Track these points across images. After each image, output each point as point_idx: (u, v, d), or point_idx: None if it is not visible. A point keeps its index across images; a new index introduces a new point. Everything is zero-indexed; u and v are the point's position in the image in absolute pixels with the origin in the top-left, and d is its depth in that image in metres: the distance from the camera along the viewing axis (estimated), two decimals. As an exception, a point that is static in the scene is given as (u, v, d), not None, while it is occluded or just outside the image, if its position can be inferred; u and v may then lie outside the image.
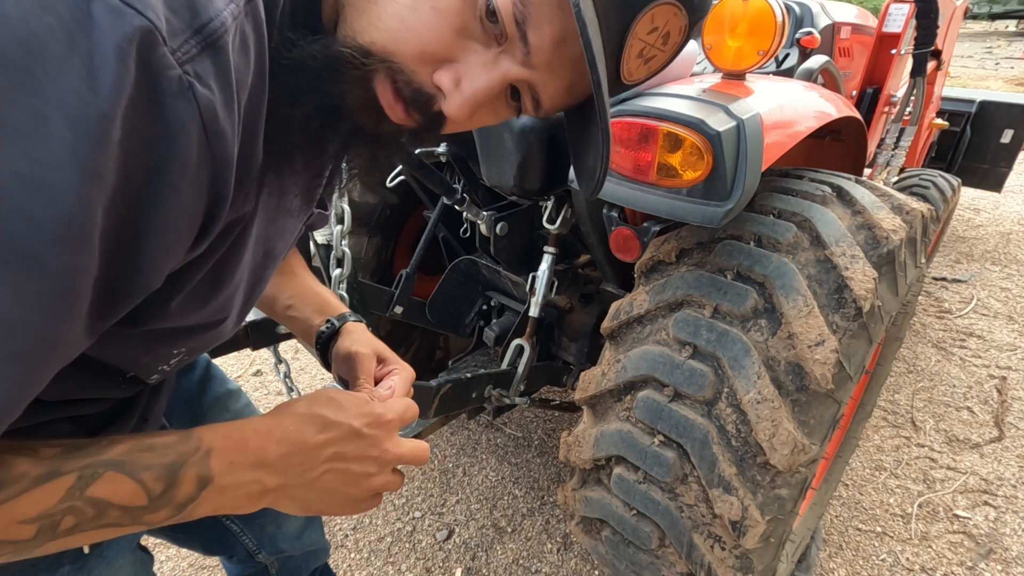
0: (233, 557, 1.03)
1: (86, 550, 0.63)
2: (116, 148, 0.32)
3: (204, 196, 0.39)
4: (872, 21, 2.40)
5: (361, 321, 0.78)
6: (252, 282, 0.60)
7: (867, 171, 2.44)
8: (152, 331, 0.49)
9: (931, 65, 2.54)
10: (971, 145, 3.32)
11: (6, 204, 0.29)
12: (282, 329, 1.39)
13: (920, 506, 1.94)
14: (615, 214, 1.23)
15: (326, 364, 0.76)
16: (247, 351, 1.68)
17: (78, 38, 0.30)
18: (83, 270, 0.34)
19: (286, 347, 2.62)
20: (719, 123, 0.97)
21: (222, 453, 0.47)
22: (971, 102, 3.26)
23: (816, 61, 1.64)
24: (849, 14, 2.28)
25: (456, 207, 1.54)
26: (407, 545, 1.82)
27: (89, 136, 0.31)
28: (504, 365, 1.47)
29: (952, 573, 1.72)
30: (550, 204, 1.44)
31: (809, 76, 1.59)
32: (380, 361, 0.71)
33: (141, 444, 0.44)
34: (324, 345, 0.75)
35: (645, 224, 1.20)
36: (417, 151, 1.46)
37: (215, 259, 0.48)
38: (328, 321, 0.76)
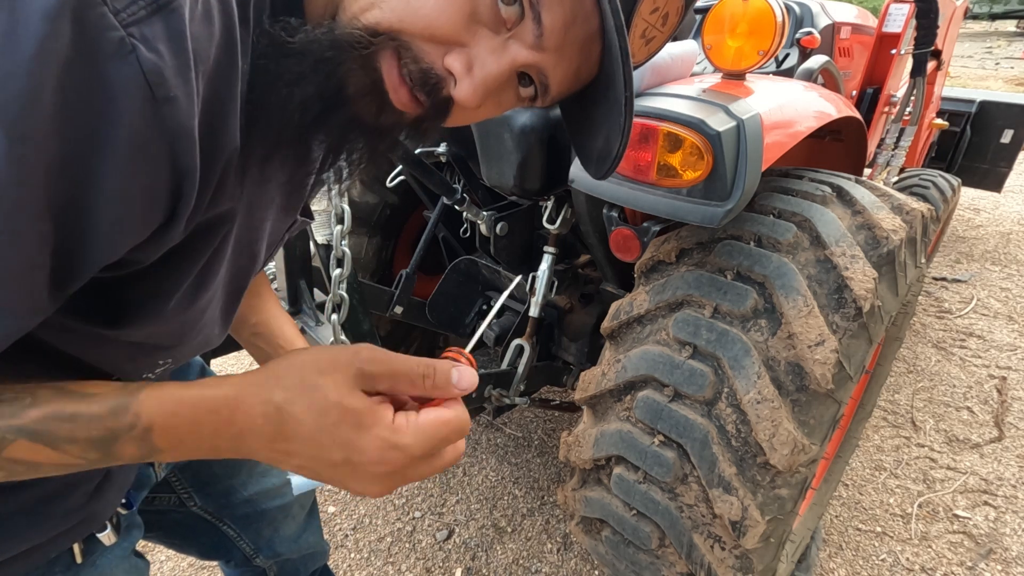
0: (231, 561, 1.03)
1: (79, 559, 0.62)
2: (52, 110, 0.31)
3: (165, 169, 0.37)
4: (872, 21, 2.40)
5: None
6: (234, 285, 0.58)
7: (867, 171, 2.44)
8: (134, 341, 0.48)
9: (931, 65, 2.54)
10: (971, 145, 3.32)
11: None
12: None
13: (920, 506, 1.94)
14: (615, 214, 1.23)
15: None
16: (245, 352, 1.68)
17: None
18: (28, 235, 0.33)
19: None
20: (719, 123, 0.97)
21: (165, 432, 0.43)
22: (971, 102, 3.26)
23: (816, 61, 1.64)
24: (849, 14, 2.28)
25: (456, 207, 1.54)
26: (407, 545, 1.82)
27: (15, 98, 0.30)
28: (504, 365, 1.47)
29: (952, 573, 1.72)
30: (550, 204, 1.44)
31: (809, 76, 1.59)
32: None
33: (62, 413, 0.41)
34: None
35: (645, 224, 1.20)
36: (417, 151, 1.46)
37: (207, 256, 0.46)
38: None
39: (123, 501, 0.69)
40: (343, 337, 1.10)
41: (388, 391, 0.47)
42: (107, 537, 0.65)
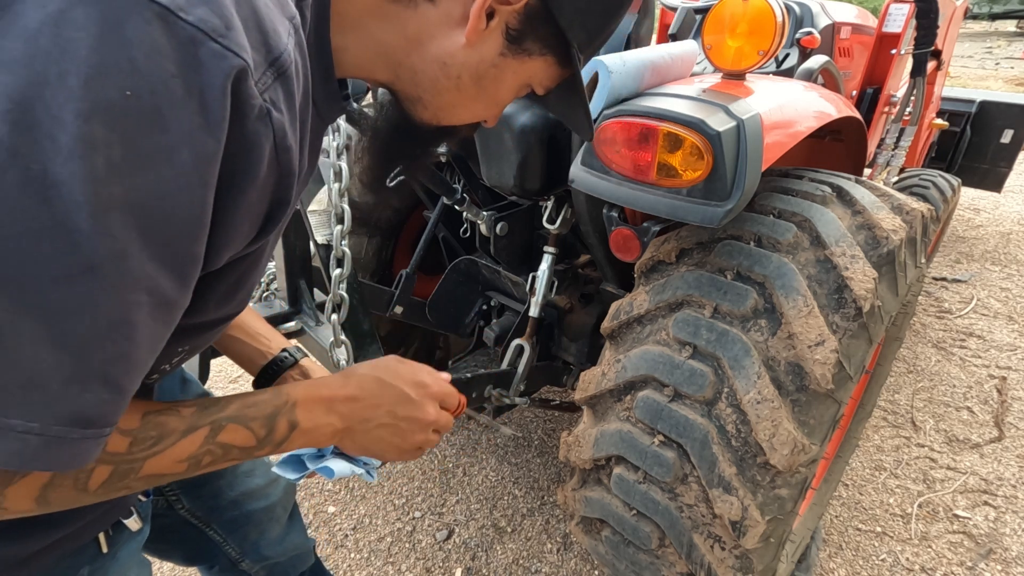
0: (214, 567, 1.02)
1: (104, 549, 0.67)
2: (217, 163, 0.40)
3: (267, 201, 0.47)
4: (872, 21, 2.40)
5: (308, 356, 0.87)
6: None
7: (867, 171, 2.44)
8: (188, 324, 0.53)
9: (931, 65, 2.54)
10: (971, 145, 3.33)
11: (155, 210, 0.38)
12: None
13: (920, 506, 1.94)
14: (615, 214, 1.23)
15: None
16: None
17: (191, 80, 0.36)
18: (201, 254, 0.43)
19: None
20: (719, 123, 0.97)
21: (305, 404, 0.60)
22: (971, 102, 3.26)
23: (816, 61, 1.64)
24: (849, 14, 2.28)
25: (456, 207, 1.54)
26: (407, 545, 1.82)
27: (205, 159, 0.39)
28: (504, 365, 1.47)
29: (952, 573, 1.72)
30: (550, 204, 1.44)
31: (809, 76, 1.59)
32: None
33: (247, 402, 0.56)
34: (272, 374, 0.83)
35: (645, 224, 1.20)
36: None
37: (255, 253, 0.53)
38: (284, 351, 0.85)
39: None
40: (343, 337, 1.10)
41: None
42: (133, 522, 0.71)
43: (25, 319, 0.35)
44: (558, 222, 1.44)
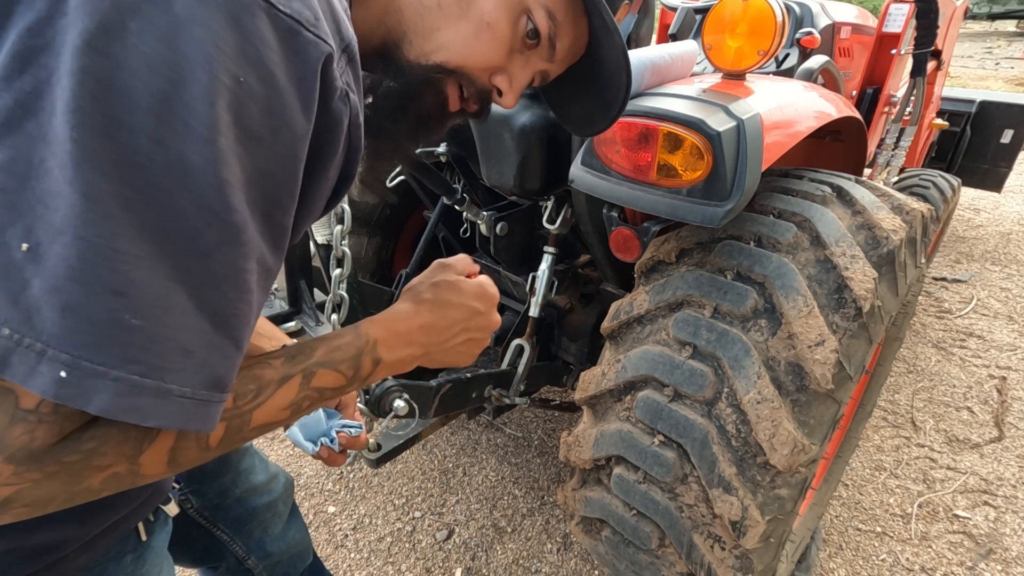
0: (220, 567, 1.03)
1: (143, 537, 0.70)
2: (307, 141, 0.44)
3: (338, 174, 0.51)
4: (872, 21, 2.40)
5: None
6: None
7: (867, 171, 2.44)
8: None
9: (931, 65, 2.54)
10: (971, 145, 3.33)
11: (262, 187, 0.42)
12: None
13: (920, 506, 1.94)
14: (615, 214, 1.23)
15: None
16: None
17: (291, 66, 0.40)
18: (290, 226, 0.47)
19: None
20: (719, 123, 0.97)
21: (384, 341, 0.62)
22: (971, 102, 3.26)
23: (816, 61, 1.64)
24: (849, 14, 2.28)
25: (456, 207, 1.54)
26: (407, 545, 1.82)
27: (300, 138, 0.43)
28: (504, 365, 1.47)
29: (952, 573, 1.72)
30: (550, 204, 1.44)
31: (809, 76, 1.59)
32: None
33: (332, 345, 0.58)
34: None
35: (645, 224, 1.20)
36: (417, 151, 1.46)
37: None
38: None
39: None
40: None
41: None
42: (171, 508, 0.74)
43: (178, 291, 0.39)
44: (558, 222, 1.44)
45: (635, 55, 1.11)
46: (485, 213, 1.50)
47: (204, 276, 0.40)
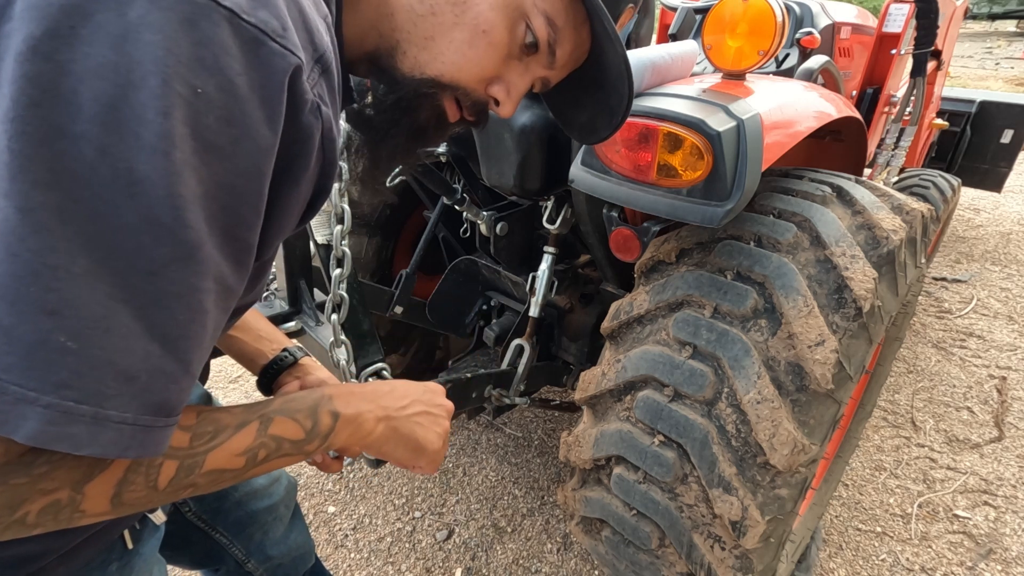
0: (220, 570, 1.03)
1: (129, 545, 0.68)
2: (274, 155, 0.42)
3: (311, 190, 0.50)
4: (872, 21, 2.40)
5: (308, 355, 0.87)
6: None
7: (867, 171, 2.44)
8: None
9: (931, 65, 2.54)
10: (971, 145, 3.33)
11: (221, 201, 0.40)
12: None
13: (920, 506, 1.94)
14: (615, 214, 1.23)
15: (267, 390, 0.84)
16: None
17: (254, 77, 0.38)
18: (255, 243, 0.45)
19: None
20: (719, 123, 0.97)
21: (340, 396, 0.62)
22: (971, 102, 3.26)
23: (816, 61, 1.64)
24: (849, 14, 2.28)
25: (456, 207, 1.54)
26: (407, 545, 1.82)
27: (265, 152, 0.41)
28: (504, 365, 1.47)
29: (952, 573, 1.72)
30: (550, 204, 1.44)
31: (809, 76, 1.59)
32: None
33: (288, 398, 0.59)
34: (274, 373, 0.83)
35: (645, 224, 1.20)
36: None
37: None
38: (285, 350, 0.85)
39: None
40: (343, 337, 1.10)
41: None
42: (159, 515, 0.73)
43: (121, 311, 0.36)
44: (558, 222, 1.44)
45: (635, 55, 1.11)
46: (485, 213, 1.50)
47: (151, 295, 0.37)
